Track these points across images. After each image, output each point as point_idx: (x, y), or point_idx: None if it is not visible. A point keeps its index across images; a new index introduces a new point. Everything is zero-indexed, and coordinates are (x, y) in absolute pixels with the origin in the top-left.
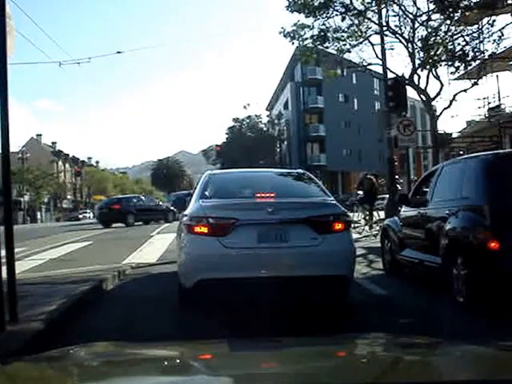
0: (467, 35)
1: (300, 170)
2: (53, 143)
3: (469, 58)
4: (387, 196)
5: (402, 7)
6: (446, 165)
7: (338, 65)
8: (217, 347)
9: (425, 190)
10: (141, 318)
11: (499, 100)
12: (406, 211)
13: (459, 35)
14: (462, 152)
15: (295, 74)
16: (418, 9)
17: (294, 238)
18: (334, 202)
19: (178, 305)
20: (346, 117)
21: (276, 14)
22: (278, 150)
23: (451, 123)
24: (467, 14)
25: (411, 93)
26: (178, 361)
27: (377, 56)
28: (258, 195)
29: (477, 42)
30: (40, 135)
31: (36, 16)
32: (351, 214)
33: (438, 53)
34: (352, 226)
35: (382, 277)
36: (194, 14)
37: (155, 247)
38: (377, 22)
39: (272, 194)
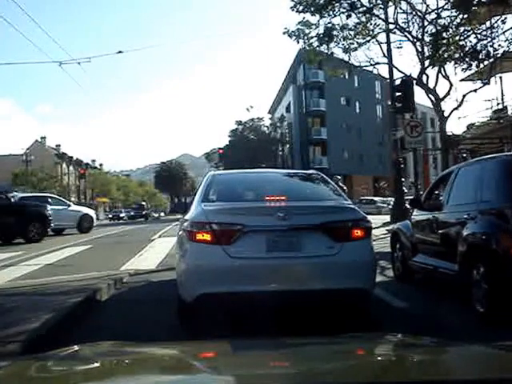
0: (479, 33)
1: (312, 171)
2: (57, 146)
3: (481, 56)
4: (391, 199)
5: (410, 5)
6: (462, 166)
7: (343, 65)
8: (219, 347)
9: (438, 193)
10: (136, 335)
11: (502, 101)
12: (418, 215)
13: (470, 32)
14: (464, 155)
15: (297, 77)
16: (427, 6)
17: (308, 247)
18: (353, 205)
19: (178, 321)
20: (347, 120)
21: (279, 16)
22: (281, 152)
23: (456, 125)
24: (479, 10)
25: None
26: (180, 360)
27: (384, 55)
28: (267, 198)
29: (489, 39)
30: (44, 138)
31: (36, 16)
32: None
33: (448, 50)
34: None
35: (394, 284)
36: (194, 14)
37: (156, 252)
38: (384, 19)
39: (283, 197)
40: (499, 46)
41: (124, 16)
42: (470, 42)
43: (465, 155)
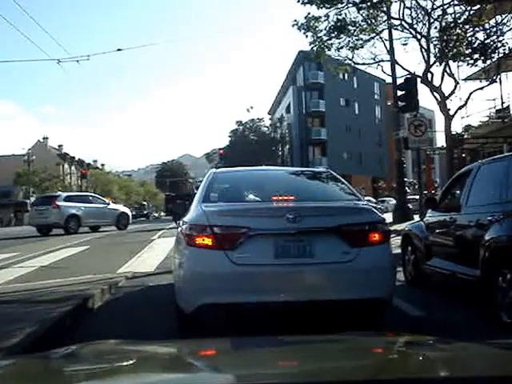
0: (487, 28)
1: (322, 168)
2: (59, 146)
3: (490, 51)
4: (387, 199)
5: (415, 1)
6: (483, 164)
7: (347, 63)
8: (220, 345)
9: (454, 192)
10: None
11: (502, 100)
12: (433, 216)
13: (479, 28)
14: (463, 155)
15: (297, 78)
16: (433, 2)
17: (320, 253)
18: (369, 206)
19: (177, 331)
20: (346, 121)
21: (280, 15)
22: (280, 153)
23: (459, 125)
24: (486, 6)
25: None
26: (181, 359)
27: (388, 52)
28: (275, 198)
29: (497, 35)
30: (46, 138)
31: (36, 16)
32: None
33: (457, 45)
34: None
35: (406, 289)
36: (194, 14)
37: (155, 253)
38: (391, 14)
39: (291, 197)
40: (506, 43)
41: (124, 16)
42: (477, 38)
43: (464, 155)
